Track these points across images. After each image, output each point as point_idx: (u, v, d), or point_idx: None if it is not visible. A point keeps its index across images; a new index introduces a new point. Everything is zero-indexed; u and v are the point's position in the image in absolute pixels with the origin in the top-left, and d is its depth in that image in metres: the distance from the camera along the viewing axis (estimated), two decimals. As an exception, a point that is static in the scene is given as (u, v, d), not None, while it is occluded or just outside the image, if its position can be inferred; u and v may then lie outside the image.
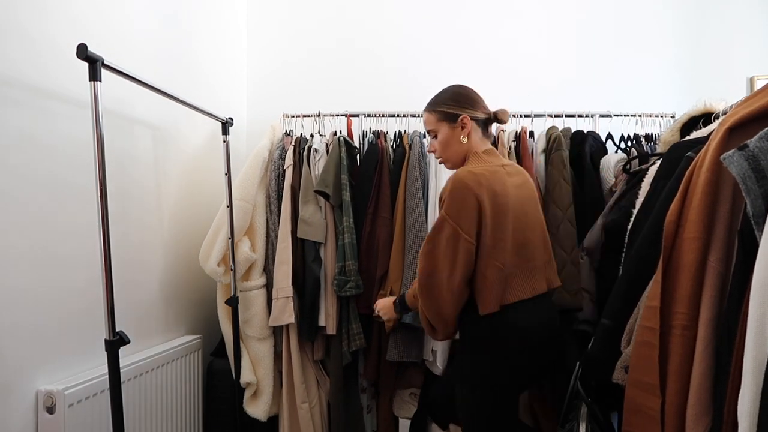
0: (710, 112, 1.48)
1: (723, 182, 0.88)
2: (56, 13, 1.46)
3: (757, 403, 0.67)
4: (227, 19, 2.56)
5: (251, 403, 2.09)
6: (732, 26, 2.58)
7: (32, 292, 1.39)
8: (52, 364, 1.45)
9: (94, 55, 1.24)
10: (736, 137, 0.87)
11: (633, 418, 0.96)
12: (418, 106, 2.34)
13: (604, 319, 1.15)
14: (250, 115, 2.71)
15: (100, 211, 1.29)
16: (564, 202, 1.98)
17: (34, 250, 1.39)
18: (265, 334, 2.09)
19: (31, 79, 1.38)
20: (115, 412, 1.31)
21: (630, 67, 2.60)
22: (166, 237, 2.00)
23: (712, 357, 0.84)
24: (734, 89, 2.53)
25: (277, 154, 2.18)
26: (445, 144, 1.57)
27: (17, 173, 1.34)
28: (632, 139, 2.26)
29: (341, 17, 2.70)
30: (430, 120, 1.59)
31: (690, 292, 0.89)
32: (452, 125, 1.55)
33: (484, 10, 2.66)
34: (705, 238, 0.88)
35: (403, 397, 2.14)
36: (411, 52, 2.65)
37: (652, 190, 1.24)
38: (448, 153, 1.58)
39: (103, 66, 1.28)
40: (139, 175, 1.85)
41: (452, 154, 1.57)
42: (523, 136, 2.14)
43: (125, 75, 1.39)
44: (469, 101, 1.56)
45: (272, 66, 2.70)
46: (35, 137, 1.39)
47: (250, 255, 2.05)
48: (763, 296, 0.68)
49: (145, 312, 1.89)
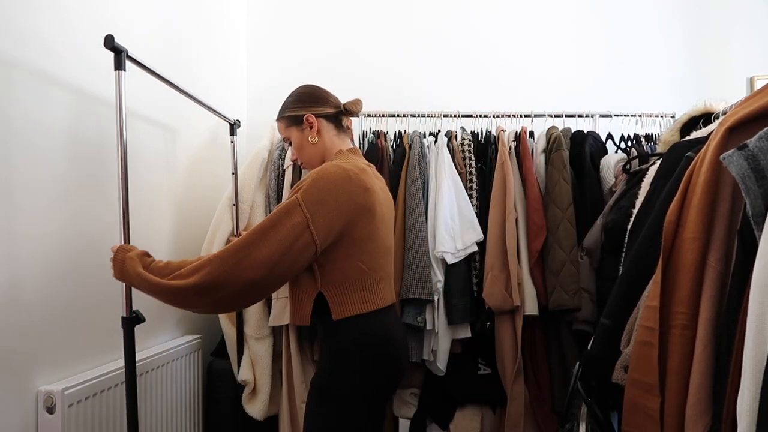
0: (710, 112, 1.48)
1: (723, 182, 0.88)
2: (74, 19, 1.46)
3: (757, 403, 0.67)
4: (228, 19, 2.56)
5: (249, 401, 2.10)
6: (732, 26, 2.58)
7: (32, 292, 1.39)
8: (52, 364, 1.45)
9: (119, 46, 1.37)
10: (735, 137, 0.87)
11: (632, 417, 0.96)
12: (419, 107, 2.35)
13: (604, 319, 1.15)
14: (250, 114, 2.71)
15: (121, 204, 1.42)
16: (564, 202, 1.99)
17: (34, 249, 1.39)
18: (264, 333, 2.09)
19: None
20: (130, 397, 1.38)
21: (630, 67, 2.61)
22: (166, 236, 2.00)
23: (711, 357, 0.84)
24: (734, 89, 2.53)
25: (277, 154, 2.18)
26: (299, 148, 1.47)
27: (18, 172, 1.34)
28: (632, 139, 2.26)
29: (342, 18, 2.70)
30: (280, 128, 1.50)
31: (689, 291, 0.89)
32: (300, 127, 1.45)
33: (484, 11, 2.66)
34: (705, 238, 0.88)
35: (403, 397, 2.14)
36: (411, 52, 2.65)
37: (652, 190, 1.24)
38: (304, 156, 1.48)
39: (127, 58, 1.41)
40: (141, 173, 1.85)
41: (308, 156, 1.47)
42: (523, 136, 2.14)
43: (146, 68, 1.49)
44: (312, 99, 1.47)
45: (272, 66, 2.70)
46: (51, 128, 1.39)
47: None
48: (763, 296, 0.69)
49: (145, 312, 1.88)
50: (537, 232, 2.00)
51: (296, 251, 1.21)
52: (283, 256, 1.19)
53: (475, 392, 2.09)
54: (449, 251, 1.98)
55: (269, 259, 1.18)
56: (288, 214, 1.21)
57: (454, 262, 1.99)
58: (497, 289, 1.95)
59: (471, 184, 2.12)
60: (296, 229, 1.20)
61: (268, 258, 1.18)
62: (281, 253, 1.19)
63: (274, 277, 1.21)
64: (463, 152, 2.15)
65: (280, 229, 1.20)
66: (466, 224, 2.01)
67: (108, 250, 1.39)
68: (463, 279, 2.01)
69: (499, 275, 1.96)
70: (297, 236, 1.20)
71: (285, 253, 1.19)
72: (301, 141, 1.46)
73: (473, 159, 2.15)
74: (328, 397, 1.29)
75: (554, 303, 1.93)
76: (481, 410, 2.10)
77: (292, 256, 1.20)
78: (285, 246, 1.19)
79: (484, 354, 2.10)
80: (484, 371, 2.10)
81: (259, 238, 1.19)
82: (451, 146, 2.15)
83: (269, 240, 1.19)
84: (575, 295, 1.91)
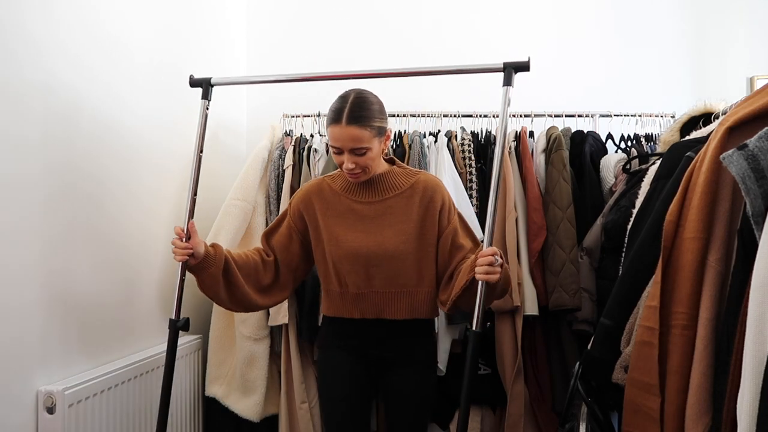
0: (710, 112, 1.48)
1: (722, 182, 0.88)
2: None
3: (756, 402, 0.67)
4: (228, 19, 2.56)
5: (239, 402, 2.07)
6: (732, 26, 2.57)
7: (32, 292, 1.39)
8: (52, 364, 1.45)
9: (201, 79, 1.61)
10: (735, 137, 0.87)
11: (633, 417, 0.96)
12: (419, 107, 2.35)
13: (604, 318, 1.15)
14: (250, 114, 2.71)
15: (188, 210, 1.56)
16: (564, 202, 1.98)
17: (34, 250, 1.39)
18: (262, 334, 2.09)
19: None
20: (165, 392, 1.50)
21: (630, 67, 2.60)
22: (166, 237, 2.00)
23: (711, 356, 0.84)
24: (734, 89, 2.52)
25: (277, 155, 2.18)
26: (374, 158, 1.43)
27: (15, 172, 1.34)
28: (632, 139, 2.26)
29: (342, 17, 2.70)
30: (364, 137, 1.37)
31: (690, 291, 0.89)
32: (380, 139, 1.43)
33: (484, 11, 2.66)
34: (704, 238, 0.88)
35: (403, 397, 2.14)
36: (411, 52, 2.65)
37: (652, 190, 1.24)
38: (372, 166, 1.44)
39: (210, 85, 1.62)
40: (141, 176, 1.85)
41: (374, 167, 1.46)
42: (523, 136, 2.14)
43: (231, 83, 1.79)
44: (385, 112, 1.47)
45: (273, 65, 2.70)
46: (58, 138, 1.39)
47: None
48: (763, 296, 0.69)
49: (146, 312, 1.89)
50: (537, 232, 2.00)
51: None
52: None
53: (475, 392, 2.08)
54: (449, 251, 1.97)
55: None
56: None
57: (454, 262, 1.99)
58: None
59: (471, 184, 2.12)
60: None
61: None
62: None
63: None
64: (463, 152, 2.15)
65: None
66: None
67: (106, 250, 1.39)
68: (463, 279, 2.01)
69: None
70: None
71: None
72: (378, 152, 1.44)
73: (473, 159, 2.15)
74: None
75: (554, 303, 1.93)
76: (481, 410, 2.09)
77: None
78: None
79: (484, 354, 2.10)
80: (484, 371, 2.10)
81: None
82: (451, 146, 2.15)
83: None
84: (575, 295, 1.91)
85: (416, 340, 1.52)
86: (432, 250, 1.48)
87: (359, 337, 1.50)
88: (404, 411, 1.51)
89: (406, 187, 1.49)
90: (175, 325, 1.52)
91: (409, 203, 1.47)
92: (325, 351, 1.56)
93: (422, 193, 1.47)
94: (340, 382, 1.51)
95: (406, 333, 1.50)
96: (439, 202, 1.47)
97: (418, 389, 1.51)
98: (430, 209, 1.47)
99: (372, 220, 1.47)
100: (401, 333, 1.49)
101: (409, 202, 1.47)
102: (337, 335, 1.54)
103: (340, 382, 1.51)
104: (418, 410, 1.51)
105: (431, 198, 1.47)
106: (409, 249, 1.45)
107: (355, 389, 1.51)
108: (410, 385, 1.50)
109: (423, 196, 1.47)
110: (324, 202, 1.51)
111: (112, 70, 1.69)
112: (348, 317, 1.49)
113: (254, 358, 2.08)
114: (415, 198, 1.47)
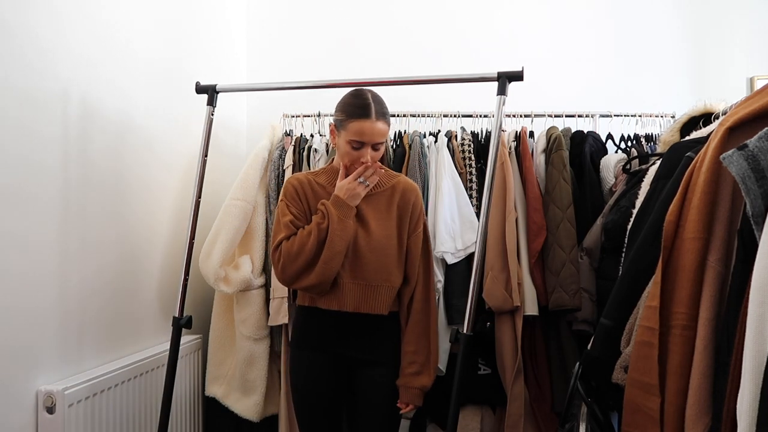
0: (710, 112, 1.48)
1: (723, 182, 0.88)
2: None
3: (756, 403, 0.67)
4: (228, 19, 2.56)
5: (239, 402, 2.08)
6: (732, 26, 2.57)
7: (32, 292, 1.39)
8: (52, 364, 1.45)
9: (207, 86, 1.68)
10: (735, 137, 0.87)
11: (632, 417, 0.96)
12: (418, 107, 2.35)
13: (604, 319, 1.15)
14: (250, 114, 2.71)
15: (192, 212, 1.64)
16: (564, 202, 1.99)
17: (34, 251, 1.39)
18: (262, 334, 2.09)
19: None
20: (167, 389, 1.56)
21: (630, 67, 2.60)
22: (166, 237, 2.00)
23: (711, 357, 0.84)
24: (734, 89, 2.52)
25: (277, 155, 2.18)
26: (382, 152, 1.52)
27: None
28: (632, 139, 2.26)
29: (342, 17, 2.70)
30: (386, 132, 1.49)
31: (689, 292, 0.89)
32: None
33: (484, 11, 2.66)
34: (705, 238, 0.88)
35: (403, 397, 2.14)
36: (411, 52, 2.65)
37: (652, 190, 1.24)
38: (377, 159, 1.51)
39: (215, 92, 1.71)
40: (140, 176, 1.85)
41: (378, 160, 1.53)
42: (523, 136, 2.14)
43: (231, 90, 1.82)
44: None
45: (272, 65, 2.70)
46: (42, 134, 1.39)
47: (249, 276, 2.03)
48: (763, 296, 0.68)
49: (146, 312, 1.89)
50: (537, 232, 2.00)
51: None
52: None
53: (475, 392, 2.08)
54: (449, 251, 1.98)
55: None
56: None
57: (454, 262, 1.99)
58: (497, 289, 1.95)
59: (471, 184, 2.12)
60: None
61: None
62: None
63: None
64: (463, 152, 2.15)
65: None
66: (466, 224, 2.01)
67: (104, 251, 1.39)
68: (463, 279, 2.01)
69: (499, 275, 1.96)
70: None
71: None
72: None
73: (473, 159, 2.15)
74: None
75: (554, 303, 1.93)
76: (481, 410, 2.09)
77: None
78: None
79: (484, 354, 2.10)
80: (484, 371, 2.10)
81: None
82: (451, 146, 2.15)
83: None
84: (575, 295, 1.91)
85: (389, 339, 1.54)
86: (404, 249, 1.54)
87: (335, 330, 1.51)
88: (376, 410, 1.53)
89: (387, 186, 1.56)
90: (178, 323, 1.54)
91: (390, 201, 1.54)
92: (300, 351, 1.56)
93: (402, 194, 1.55)
94: (313, 385, 1.52)
95: (380, 329, 1.52)
96: (415, 205, 1.57)
97: (391, 389, 1.53)
98: (407, 210, 1.55)
99: (359, 213, 1.50)
100: (375, 329, 1.51)
101: (390, 200, 1.54)
102: (310, 331, 1.54)
103: (313, 385, 1.52)
104: (390, 409, 1.53)
105: (408, 200, 1.55)
106: (392, 243, 1.51)
107: (329, 391, 1.52)
108: (383, 385, 1.52)
109: (402, 197, 1.55)
110: (313, 192, 1.55)
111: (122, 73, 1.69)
112: (325, 308, 1.50)
113: (254, 358, 2.08)
114: (395, 197, 1.55)
